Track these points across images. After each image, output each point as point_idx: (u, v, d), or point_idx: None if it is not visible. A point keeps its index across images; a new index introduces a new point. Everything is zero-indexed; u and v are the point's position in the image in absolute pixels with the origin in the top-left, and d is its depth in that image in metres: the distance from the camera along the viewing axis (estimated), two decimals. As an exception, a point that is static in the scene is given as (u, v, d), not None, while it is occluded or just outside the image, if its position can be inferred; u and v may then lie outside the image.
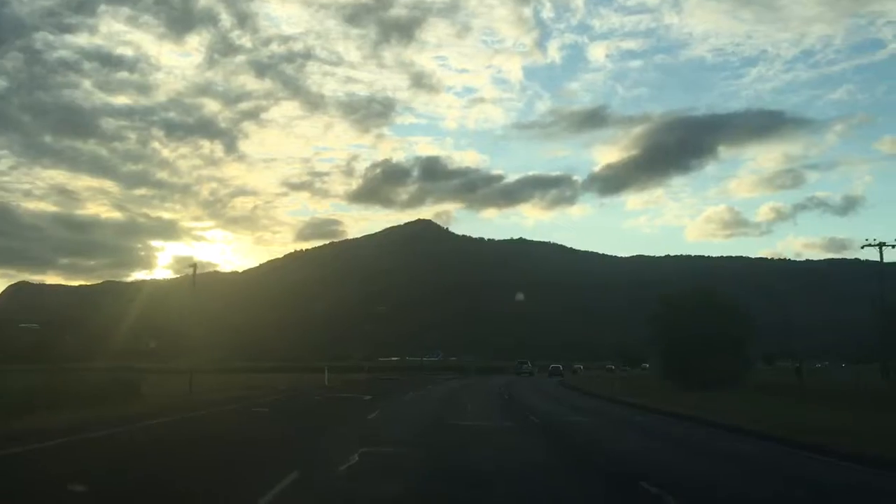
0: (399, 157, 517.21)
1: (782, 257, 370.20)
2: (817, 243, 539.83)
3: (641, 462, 14.99)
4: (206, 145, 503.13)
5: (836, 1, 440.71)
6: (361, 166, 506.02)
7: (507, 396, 41.30)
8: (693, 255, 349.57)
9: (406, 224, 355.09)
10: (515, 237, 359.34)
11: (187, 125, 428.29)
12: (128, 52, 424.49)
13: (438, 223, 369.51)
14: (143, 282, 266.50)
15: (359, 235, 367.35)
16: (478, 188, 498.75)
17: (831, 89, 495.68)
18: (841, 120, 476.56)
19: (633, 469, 13.90)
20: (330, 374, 63.73)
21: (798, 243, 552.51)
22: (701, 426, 23.49)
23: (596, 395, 43.34)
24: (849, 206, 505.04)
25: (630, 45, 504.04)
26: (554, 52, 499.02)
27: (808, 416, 24.55)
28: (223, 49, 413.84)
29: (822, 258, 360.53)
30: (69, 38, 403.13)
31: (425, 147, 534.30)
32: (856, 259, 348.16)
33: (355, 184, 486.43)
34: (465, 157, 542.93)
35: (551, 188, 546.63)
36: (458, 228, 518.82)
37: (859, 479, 13.45)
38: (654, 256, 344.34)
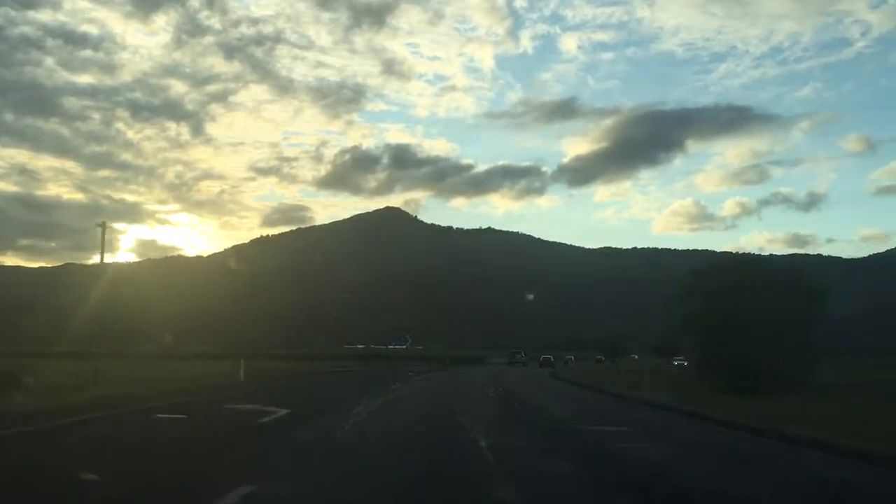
0: (369, 143, 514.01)
1: (745, 252, 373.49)
2: (780, 239, 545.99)
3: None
4: (173, 127, 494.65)
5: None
6: (331, 152, 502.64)
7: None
8: (659, 247, 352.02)
9: (374, 211, 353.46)
10: (484, 226, 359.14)
11: (153, 106, 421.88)
12: (92, 29, 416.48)
13: (407, 211, 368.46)
14: (106, 265, 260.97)
15: (326, 222, 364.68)
16: (447, 177, 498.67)
17: (798, 86, 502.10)
18: (807, 117, 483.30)
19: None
20: (277, 364, 59.29)
21: (762, 238, 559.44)
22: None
23: (632, 399, 31.97)
24: (812, 202, 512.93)
25: (602, 37, 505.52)
26: (526, 42, 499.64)
27: None
28: (191, 29, 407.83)
29: (784, 253, 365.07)
30: (32, 14, 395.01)
31: (396, 134, 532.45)
32: (818, 255, 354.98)
33: (324, 170, 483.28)
34: (436, 146, 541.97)
35: (521, 178, 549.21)
36: (427, 217, 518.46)
37: None
38: (621, 248, 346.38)
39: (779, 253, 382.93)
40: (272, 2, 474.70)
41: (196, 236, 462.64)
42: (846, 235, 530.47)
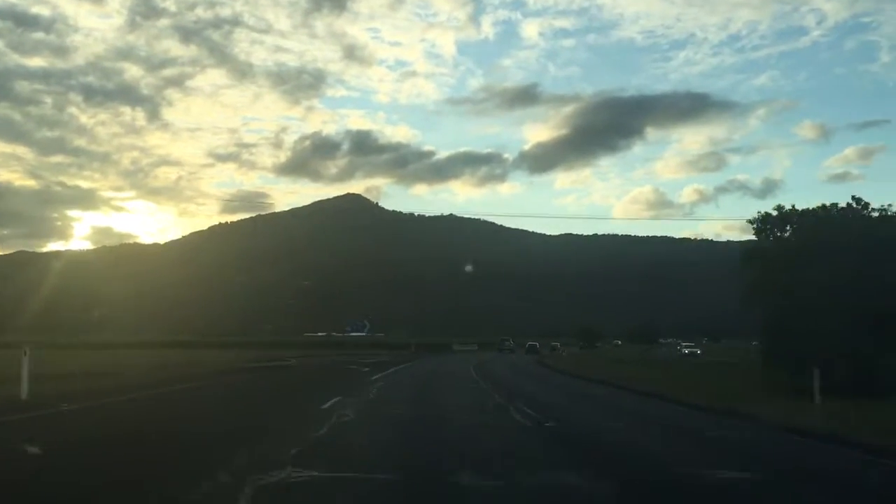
0: (330, 130, 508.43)
1: (704, 238, 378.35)
2: (736, 226, 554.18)
3: None
4: (128, 112, 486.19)
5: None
6: (291, 138, 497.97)
7: None
8: (620, 234, 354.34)
9: (335, 198, 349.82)
10: (446, 213, 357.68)
11: (107, 90, 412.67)
12: (44, 11, 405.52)
13: (368, 198, 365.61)
14: (59, 252, 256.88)
15: (286, 209, 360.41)
16: (409, 163, 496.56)
17: (755, 74, 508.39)
18: (763, 104, 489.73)
19: None
20: (208, 353, 54.54)
21: (719, 225, 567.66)
22: None
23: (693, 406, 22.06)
24: (768, 189, 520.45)
25: (563, 23, 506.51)
26: (487, 28, 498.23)
27: None
28: (145, 12, 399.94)
29: (741, 240, 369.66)
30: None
31: (357, 121, 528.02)
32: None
33: (284, 156, 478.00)
34: (397, 132, 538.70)
35: (482, 165, 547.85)
36: (389, 203, 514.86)
37: None
38: (582, 235, 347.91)
39: (736, 239, 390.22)
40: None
41: (153, 224, 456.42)
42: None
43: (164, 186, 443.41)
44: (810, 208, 33.17)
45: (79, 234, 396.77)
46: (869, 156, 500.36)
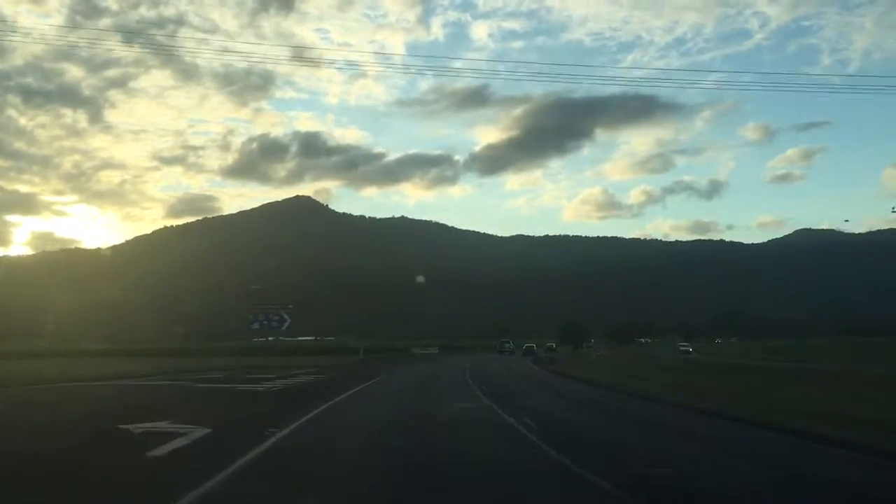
0: (278, 132, 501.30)
1: (652, 238, 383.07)
2: (683, 226, 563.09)
3: None
4: (69, 114, 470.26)
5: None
6: (238, 141, 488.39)
7: None
8: (571, 235, 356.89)
9: (284, 200, 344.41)
10: (397, 215, 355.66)
11: (47, 92, 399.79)
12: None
13: (318, 200, 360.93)
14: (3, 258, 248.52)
15: (235, 212, 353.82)
16: (359, 165, 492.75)
17: (701, 76, 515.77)
18: (709, 106, 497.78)
19: None
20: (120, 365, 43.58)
21: (666, 225, 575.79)
22: None
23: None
24: (714, 190, 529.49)
25: (512, 25, 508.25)
26: (437, 30, 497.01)
27: None
28: (86, 11, 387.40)
29: (688, 240, 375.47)
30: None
31: (306, 122, 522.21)
32: (721, 240, 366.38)
33: (232, 159, 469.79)
34: (347, 134, 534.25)
35: (432, 167, 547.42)
36: (339, 206, 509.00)
37: None
38: (533, 236, 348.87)
39: (683, 239, 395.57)
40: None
41: (96, 228, 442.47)
42: (745, 222, 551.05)
43: (108, 190, 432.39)
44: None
45: (18, 239, 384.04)
46: (810, 156, 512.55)
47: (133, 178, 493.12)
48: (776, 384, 30.62)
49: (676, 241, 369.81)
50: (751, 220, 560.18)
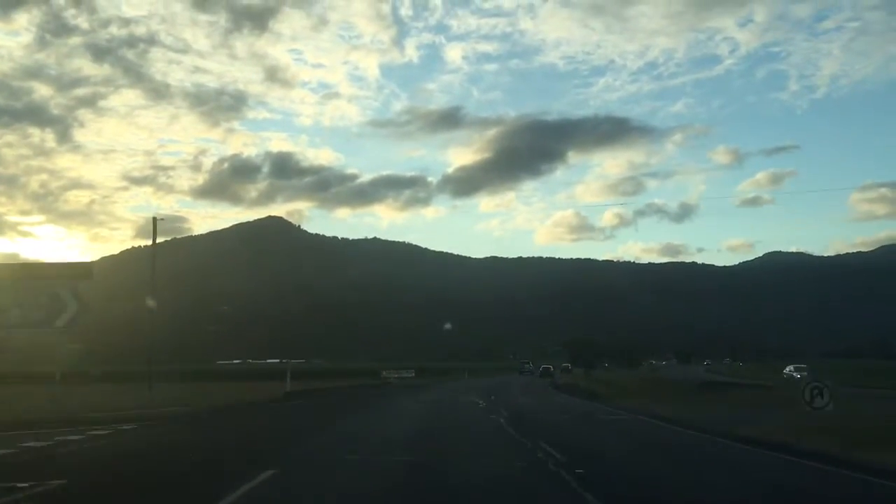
0: (251, 152, 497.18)
1: (624, 260, 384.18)
2: (655, 248, 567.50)
3: None
4: (36, 133, 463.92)
5: (678, 15, 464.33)
6: (210, 161, 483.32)
7: None
8: (544, 257, 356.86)
9: (256, 221, 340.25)
10: (370, 237, 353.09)
11: (14, 111, 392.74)
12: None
13: (290, 220, 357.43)
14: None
15: (206, 232, 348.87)
16: (331, 186, 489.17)
17: (672, 100, 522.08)
18: (680, 130, 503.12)
19: None
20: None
21: (637, 248, 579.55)
22: None
23: None
24: (684, 213, 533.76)
25: (486, 47, 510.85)
26: (411, 51, 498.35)
27: None
28: (56, 29, 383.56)
29: (659, 262, 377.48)
30: None
31: (279, 143, 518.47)
32: (693, 262, 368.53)
33: (203, 179, 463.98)
34: (320, 155, 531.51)
35: (405, 188, 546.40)
36: (312, 227, 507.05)
37: None
38: (507, 258, 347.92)
39: (656, 261, 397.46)
40: (145, 1, 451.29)
41: (63, 249, 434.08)
42: (714, 245, 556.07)
43: (76, 210, 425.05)
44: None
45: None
46: (780, 180, 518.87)
47: (102, 198, 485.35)
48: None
49: (649, 263, 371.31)
50: (721, 243, 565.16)
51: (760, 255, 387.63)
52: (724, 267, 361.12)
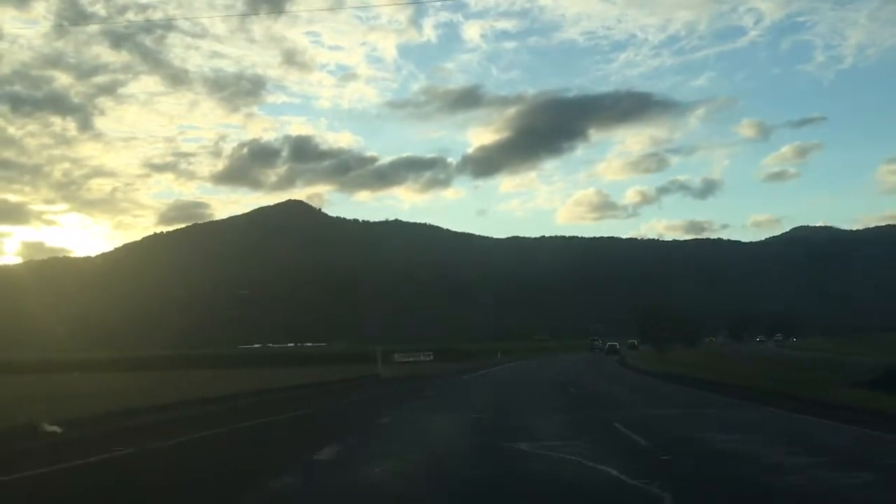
0: (270, 137, 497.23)
1: (647, 238, 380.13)
2: (678, 225, 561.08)
3: None
4: (58, 122, 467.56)
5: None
6: (230, 146, 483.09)
7: None
8: (567, 235, 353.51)
9: (276, 205, 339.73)
10: (391, 219, 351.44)
11: (35, 100, 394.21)
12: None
13: (311, 204, 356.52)
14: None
15: (226, 217, 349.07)
16: (351, 170, 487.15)
17: (695, 74, 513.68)
18: (703, 104, 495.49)
19: None
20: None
21: (660, 225, 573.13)
22: None
23: None
24: (708, 189, 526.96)
25: (504, 25, 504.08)
26: (429, 31, 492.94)
27: None
28: (73, 17, 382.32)
29: (684, 239, 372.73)
30: None
31: (298, 127, 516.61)
32: (719, 238, 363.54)
33: (223, 165, 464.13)
34: (340, 138, 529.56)
35: (425, 170, 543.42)
36: (332, 210, 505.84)
37: None
38: (529, 237, 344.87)
39: (680, 238, 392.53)
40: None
41: (87, 237, 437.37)
42: (739, 221, 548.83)
43: (99, 198, 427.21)
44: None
45: (9, 249, 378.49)
46: (805, 153, 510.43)
47: (124, 185, 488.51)
48: None
49: (674, 240, 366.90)
50: (746, 219, 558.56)
51: (787, 229, 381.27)
52: (750, 243, 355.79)
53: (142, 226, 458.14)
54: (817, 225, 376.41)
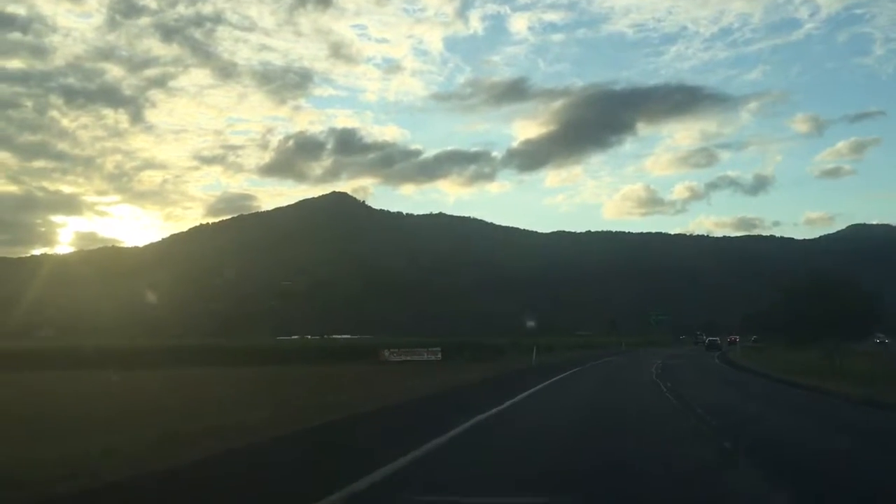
0: (316, 129, 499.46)
1: (695, 234, 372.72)
2: (727, 222, 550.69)
3: None
4: (110, 115, 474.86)
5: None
6: (276, 139, 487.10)
7: None
8: (613, 230, 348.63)
9: (321, 197, 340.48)
10: (435, 212, 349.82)
11: (88, 92, 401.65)
12: (20, 10, 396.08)
13: (356, 197, 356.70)
14: (42, 256, 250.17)
15: (272, 208, 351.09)
16: (396, 163, 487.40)
17: (747, 68, 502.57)
18: (755, 98, 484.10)
19: None
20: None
21: (709, 222, 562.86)
22: None
23: None
24: (759, 185, 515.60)
25: (552, 17, 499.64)
26: (475, 23, 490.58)
27: None
28: (125, 10, 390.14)
29: (735, 235, 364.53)
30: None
31: (344, 120, 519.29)
32: (771, 235, 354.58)
33: (270, 157, 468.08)
34: (384, 132, 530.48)
35: (470, 164, 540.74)
36: (376, 203, 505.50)
37: None
38: (574, 232, 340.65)
39: (730, 235, 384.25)
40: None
41: (138, 228, 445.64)
42: (791, 218, 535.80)
43: (149, 190, 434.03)
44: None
45: (63, 239, 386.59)
46: (862, 149, 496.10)
47: (174, 177, 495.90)
48: None
49: (724, 236, 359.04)
50: (798, 216, 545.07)
51: (843, 227, 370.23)
52: (804, 240, 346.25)
53: (191, 217, 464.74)
54: (873, 223, 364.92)
